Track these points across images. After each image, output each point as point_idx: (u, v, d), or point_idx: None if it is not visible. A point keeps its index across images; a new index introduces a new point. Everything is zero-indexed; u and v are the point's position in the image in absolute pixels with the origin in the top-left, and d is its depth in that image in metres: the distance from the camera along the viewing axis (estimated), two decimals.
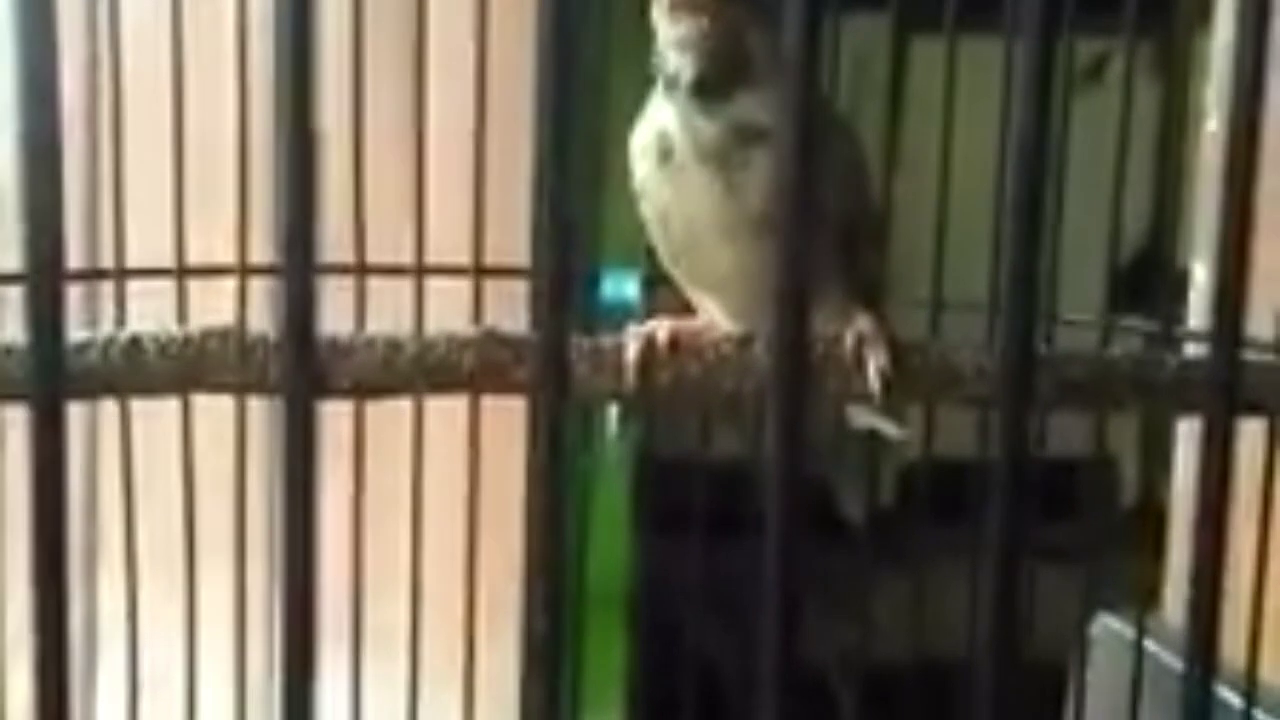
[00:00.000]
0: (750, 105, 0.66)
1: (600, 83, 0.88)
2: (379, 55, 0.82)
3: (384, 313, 0.82)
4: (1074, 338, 0.84)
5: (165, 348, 0.67)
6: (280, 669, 0.26)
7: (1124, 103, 0.83)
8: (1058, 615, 0.90)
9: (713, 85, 0.66)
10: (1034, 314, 0.27)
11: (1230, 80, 0.28)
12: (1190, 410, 0.75)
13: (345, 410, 0.80)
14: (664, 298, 0.80)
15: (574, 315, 0.82)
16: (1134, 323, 0.84)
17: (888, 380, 0.67)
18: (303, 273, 0.25)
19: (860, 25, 0.92)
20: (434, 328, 0.71)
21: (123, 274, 0.82)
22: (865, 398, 0.68)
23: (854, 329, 0.68)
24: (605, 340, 0.69)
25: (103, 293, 0.85)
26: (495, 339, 0.68)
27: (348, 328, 0.76)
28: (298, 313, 0.25)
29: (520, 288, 0.85)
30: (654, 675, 1.18)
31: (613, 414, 1.14)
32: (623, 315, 0.76)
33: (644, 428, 1.32)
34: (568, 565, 0.89)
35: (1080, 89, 0.87)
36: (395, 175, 0.84)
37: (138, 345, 0.67)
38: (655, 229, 0.71)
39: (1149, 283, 0.86)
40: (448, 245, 0.86)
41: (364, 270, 0.84)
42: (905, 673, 0.90)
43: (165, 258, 0.83)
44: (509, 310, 0.80)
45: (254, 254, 0.84)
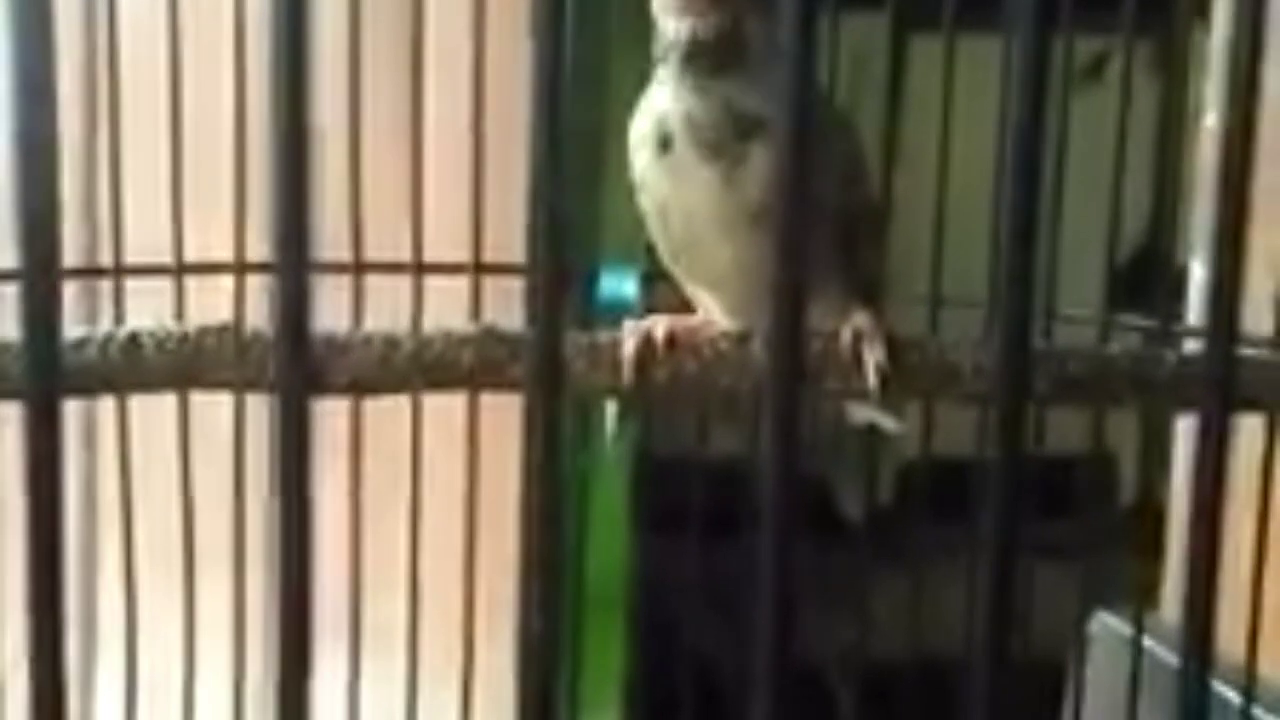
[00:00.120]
0: (747, 90, 0.66)
1: (599, 78, 0.88)
2: (377, 53, 0.82)
3: (382, 310, 0.82)
4: (1073, 334, 0.84)
5: (163, 344, 0.67)
6: (276, 668, 0.26)
7: (1123, 100, 0.83)
8: (1056, 613, 0.90)
9: (708, 56, 0.66)
10: (1030, 311, 0.27)
11: (1227, 75, 0.28)
12: (1188, 407, 0.75)
13: (343, 408, 0.80)
14: (662, 294, 0.80)
15: (569, 311, 0.82)
16: (1133, 319, 0.84)
17: (886, 377, 0.67)
18: (297, 270, 0.25)
19: (858, 24, 0.92)
20: (432, 325, 0.71)
21: (120, 271, 0.82)
22: (863, 394, 0.68)
23: (852, 325, 0.67)
24: (602, 337, 0.69)
25: (101, 289, 0.85)
26: (493, 336, 0.68)
27: (345, 325, 0.75)
28: (292, 310, 0.25)
29: (518, 285, 0.85)
30: (652, 674, 1.18)
31: (611, 412, 1.14)
32: (620, 312, 0.76)
33: (642, 426, 1.32)
34: (564, 563, 0.89)
35: (1080, 87, 0.87)
36: (393, 172, 0.84)
37: (135, 342, 0.67)
38: (654, 223, 0.70)
39: (1148, 280, 0.86)
40: (445, 242, 0.86)
41: (361, 268, 0.84)
42: (904, 671, 0.90)
43: (163, 254, 0.83)
44: (506, 308, 0.80)
45: (251, 251, 0.84)
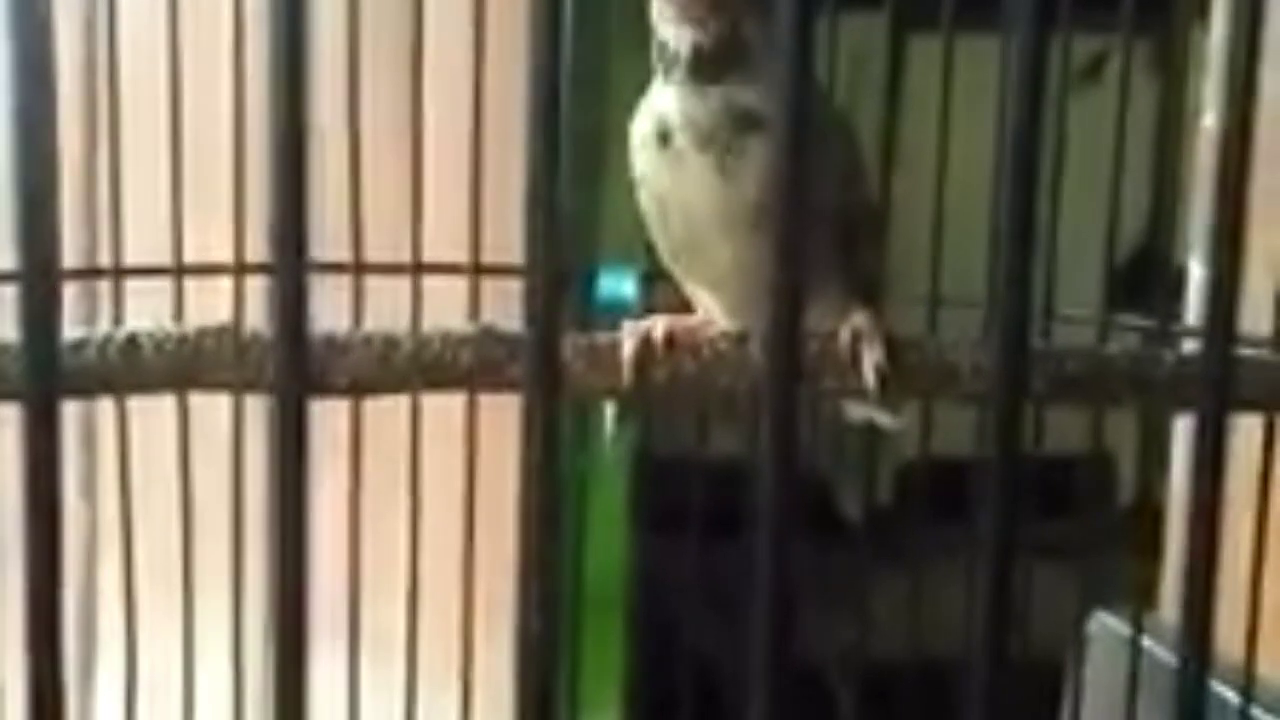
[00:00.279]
0: (746, 90, 0.66)
1: (599, 79, 0.88)
2: (376, 54, 0.82)
3: (381, 311, 0.82)
4: (1071, 335, 0.84)
5: (161, 345, 0.67)
6: (273, 671, 0.26)
7: (1121, 100, 0.83)
8: (1055, 613, 0.90)
9: (709, 63, 0.66)
10: (1028, 312, 0.27)
11: (1225, 76, 0.28)
12: (1187, 407, 0.75)
13: (342, 408, 0.80)
14: (662, 294, 0.80)
15: (568, 312, 0.82)
16: (1131, 319, 0.84)
17: (884, 376, 0.67)
18: (294, 271, 0.25)
19: (857, 24, 0.92)
20: (431, 326, 0.71)
21: (119, 272, 0.82)
22: (862, 394, 0.68)
23: (850, 325, 0.67)
24: (601, 337, 0.69)
25: (99, 290, 0.85)
26: (491, 336, 0.68)
27: (345, 326, 0.75)
28: (290, 311, 0.25)
29: (517, 285, 0.84)
30: (651, 674, 1.18)
31: (610, 413, 1.14)
32: (619, 313, 0.76)
33: (641, 426, 1.32)
34: (563, 564, 0.89)
35: (1078, 87, 0.87)
36: (392, 173, 0.84)
37: (134, 343, 0.67)
38: (654, 222, 0.70)
39: (1146, 280, 0.86)
40: (444, 243, 0.86)
41: (361, 268, 0.84)
42: (903, 671, 0.90)
43: (162, 255, 0.83)
44: (505, 308, 0.80)
45: (250, 252, 0.84)
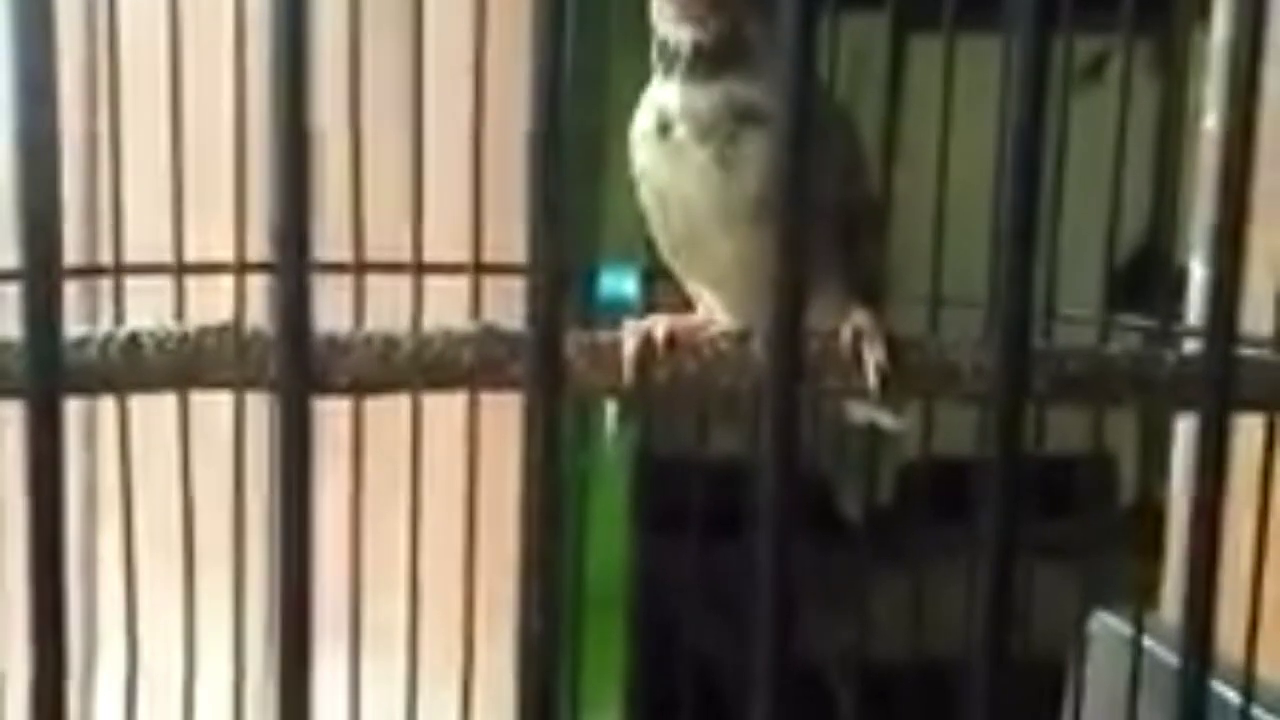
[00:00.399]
0: (747, 87, 0.66)
1: (600, 78, 0.88)
2: (377, 52, 0.82)
3: (382, 310, 0.82)
4: (1072, 335, 0.84)
5: (163, 344, 0.67)
6: (276, 667, 0.26)
7: (1122, 100, 0.83)
8: (1056, 612, 0.90)
9: (709, 61, 0.66)
10: (1030, 311, 0.27)
11: (1227, 76, 0.28)
12: (1188, 407, 0.75)
13: (343, 408, 0.80)
14: (663, 293, 0.80)
15: (569, 310, 0.82)
16: (1132, 319, 0.84)
17: (885, 376, 0.67)
18: (297, 270, 0.25)
19: (858, 24, 0.92)
20: (432, 325, 0.71)
21: (120, 270, 0.82)
22: (863, 393, 0.68)
23: (852, 324, 0.67)
24: (603, 336, 0.69)
25: (101, 288, 0.85)
26: (493, 335, 0.68)
27: (346, 325, 0.75)
28: (293, 310, 0.25)
29: (518, 284, 0.84)
30: (652, 673, 1.18)
31: (611, 412, 1.14)
32: (620, 311, 0.76)
33: (642, 426, 1.32)
34: (564, 563, 0.89)
35: (1079, 87, 0.87)
36: (393, 172, 0.84)
37: (136, 341, 0.67)
38: (654, 217, 0.70)
39: (1147, 280, 0.86)
40: (446, 242, 0.86)
41: (362, 267, 0.84)
42: (904, 671, 0.90)
43: (163, 254, 0.83)
44: (506, 307, 0.80)
45: (251, 251, 0.84)
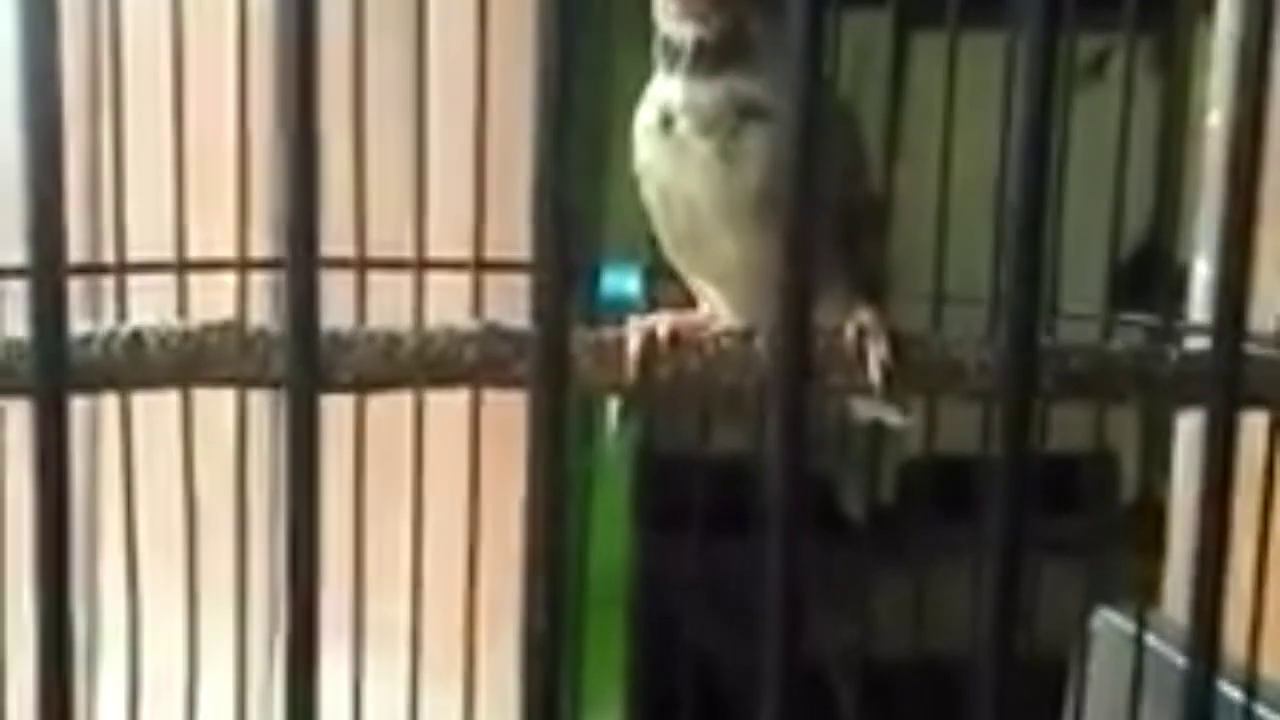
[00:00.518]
0: (750, 83, 0.66)
1: (603, 73, 0.88)
2: (380, 49, 0.82)
3: (385, 307, 0.82)
4: (1075, 332, 0.84)
5: (166, 341, 0.67)
6: (283, 664, 0.26)
7: (1125, 98, 0.83)
8: (1059, 610, 0.90)
9: (712, 57, 0.66)
10: (1037, 308, 0.27)
11: (1233, 71, 0.28)
12: (1190, 404, 0.75)
13: (346, 405, 0.80)
14: (666, 290, 0.80)
15: (574, 308, 0.82)
16: (1135, 317, 0.84)
17: (889, 373, 0.67)
18: (306, 268, 0.25)
19: (861, 22, 0.92)
20: (435, 322, 0.71)
21: (123, 268, 0.82)
22: (867, 391, 0.68)
23: (855, 321, 0.67)
24: (606, 334, 0.69)
25: (104, 286, 0.85)
26: (496, 333, 0.68)
27: (348, 322, 0.75)
28: (301, 308, 0.25)
29: (521, 281, 0.84)
30: (654, 672, 1.18)
31: (613, 410, 1.14)
32: (623, 309, 0.76)
33: (644, 424, 1.32)
34: (568, 561, 0.89)
35: (1082, 84, 0.87)
36: (396, 169, 0.84)
37: (139, 339, 0.67)
38: (657, 213, 0.70)
39: (1150, 278, 0.86)
40: (448, 239, 0.86)
41: (365, 264, 0.84)
42: (905, 669, 0.90)
43: (166, 251, 0.83)
44: (509, 304, 0.80)
45: (254, 248, 0.84)
